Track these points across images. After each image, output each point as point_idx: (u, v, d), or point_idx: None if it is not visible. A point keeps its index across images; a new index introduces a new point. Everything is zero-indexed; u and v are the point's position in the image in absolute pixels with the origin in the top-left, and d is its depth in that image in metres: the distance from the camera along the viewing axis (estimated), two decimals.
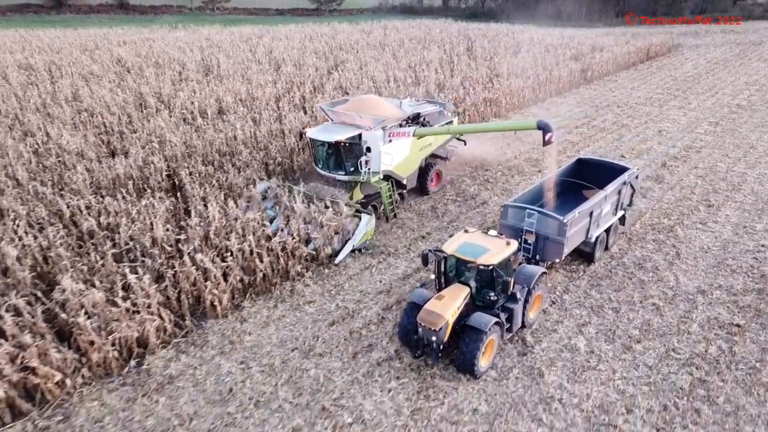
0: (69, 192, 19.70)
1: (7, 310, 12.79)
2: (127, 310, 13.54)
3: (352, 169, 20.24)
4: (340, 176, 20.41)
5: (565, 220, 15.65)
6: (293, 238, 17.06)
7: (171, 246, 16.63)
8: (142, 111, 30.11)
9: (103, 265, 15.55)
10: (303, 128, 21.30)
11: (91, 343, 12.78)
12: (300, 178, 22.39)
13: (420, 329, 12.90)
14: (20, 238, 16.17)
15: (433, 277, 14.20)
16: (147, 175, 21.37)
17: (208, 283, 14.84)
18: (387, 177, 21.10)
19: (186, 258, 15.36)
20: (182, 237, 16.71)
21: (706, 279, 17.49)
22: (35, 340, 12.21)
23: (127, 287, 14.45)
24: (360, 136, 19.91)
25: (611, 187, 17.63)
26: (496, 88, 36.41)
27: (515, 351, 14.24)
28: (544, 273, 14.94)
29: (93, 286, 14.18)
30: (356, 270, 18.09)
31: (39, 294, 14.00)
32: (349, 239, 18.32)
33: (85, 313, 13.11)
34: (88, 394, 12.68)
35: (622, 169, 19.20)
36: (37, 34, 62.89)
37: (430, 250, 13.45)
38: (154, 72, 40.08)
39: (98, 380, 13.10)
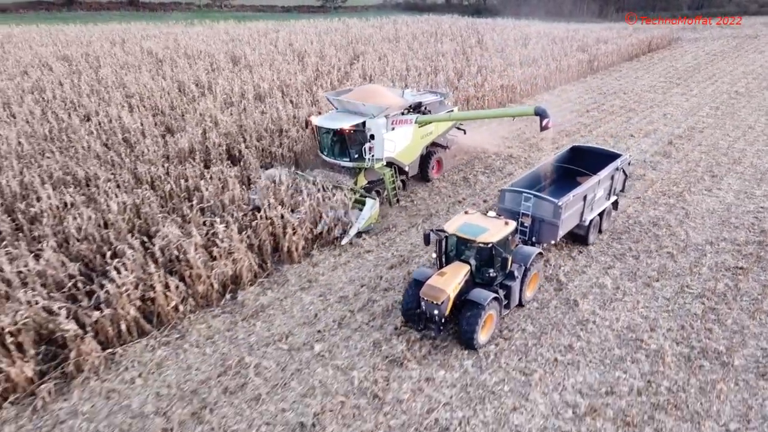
0: (143, 162, 21.92)
1: (129, 248, 15.09)
2: (226, 250, 15.81)
3: (356, 155, 20.59)
4: (345, 163, 20.84)
5: (559, 203, 16.13)
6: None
7: (246, 204, 18.89)
8: (185, 96, 32.27)
9: (188, 221, 17.82)
10: (308, 116, 21.89)
11: (198, 276, 15.04)
12: None
13: (423, 303, 13.41)
14: (115, 196, 18.40)
15: (434, 255, 14.75)
16: (207, 148, 23.60)
17: (288, 230, 17.09)
18: (389, 164, 21.50)
19: (264, 211, 17.63)
20: (254, 196, 18.97)
21: (713, 233, 19.81)
22: (156, 271, 14.46)
23: (214, 235, 16.72)
24: (364, 123, 20.17)
25: (604, 172, 18.13)
26: (511, 76, 38.72)
27: (552, 288, 16.54)
28: (540, 253, 15.52)
29: (188, 233, 16.46)
30: (404, 227, 20.38)
31: (144, 239, 16.26)
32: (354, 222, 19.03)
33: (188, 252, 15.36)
34: (195, 320, 14.94)
35: (615, 156, 19.67)
36: (61, 29, 64.88)
37: (431, 230, 14.13)
38: (186, 63, 42.24)
39: (201, 309, 15.36)
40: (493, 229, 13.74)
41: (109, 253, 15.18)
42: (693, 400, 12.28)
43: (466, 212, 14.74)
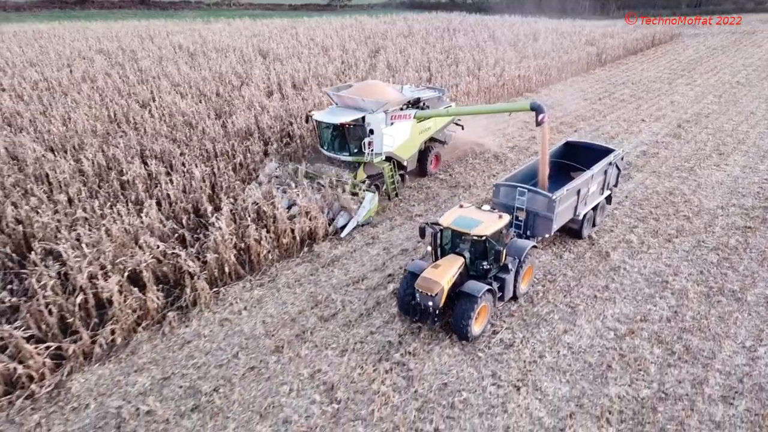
0: (208, 140, 24.09)
1: (225, 205, 17.33)
2: (304, 209, 18.03)
3: (355, 150, 20.69)
4: (345, 157, 20.91)
5: (553, 197, 16.17)
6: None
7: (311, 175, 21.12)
8: (229, 85, 34.43)
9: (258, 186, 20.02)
10: (309, 111, 22.24)
11: (283, 230, 17.25)
12: None
13: (417, 295, 13.45)
14: (195, 167, 20.60)
15: (429, 249, 14.80)
16: (261, 129, 25.77)
17: (353, 197, 19.32)
18: (388, 158, 21.54)
19: (327, 180, 19.87)
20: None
21: (723, 200, 22.07)
22: (250, 224, 16.68)
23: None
24: (363, 118, 20.25)
25: (597, 167, 18.20)
26: (526, 67, 40.96)
27: (585, 243, 18.78)
28: (534, 246, 15.58)
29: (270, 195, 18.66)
30: (447, 197, 22.60)
31: (231, 200, 18.47)
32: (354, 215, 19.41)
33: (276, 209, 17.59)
34: (281, 267, 17.16)
35: (608, 151, 19.72)
36: (85, 26, 66.98)
37: (426, 223, 14.32)
38: (218, 56, 44.39)
39: (284, 259, 17.58)
40: (487, 222, 13.82)
41: (210, 209, 17.40)
42: (714, 325, 14.53)
43: (461, 206, 14.81)
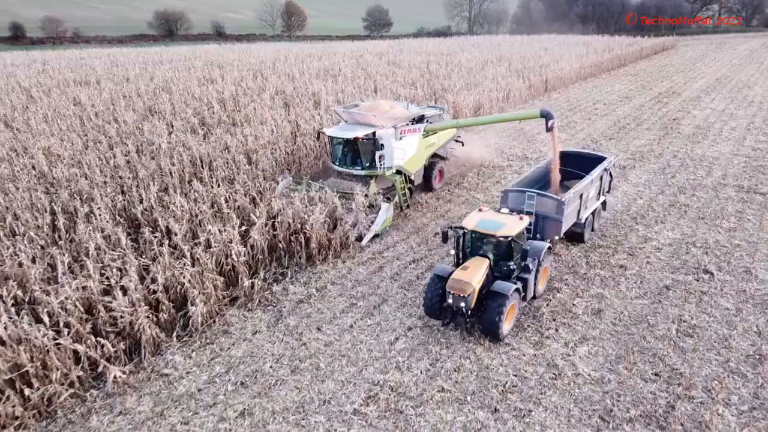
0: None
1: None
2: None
3: (367, 164, 19.13)
4: (357, 171, 19.24)
5: (563, 200, 15.20)
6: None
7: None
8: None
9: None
10: (320, 129, 21.39)
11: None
12: None
13: (450, 297, 12.25)
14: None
15: (452, 252, 13.73)
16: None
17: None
18: (398, 172, 19.92)
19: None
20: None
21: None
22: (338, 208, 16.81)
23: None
24: (374, 133, 18.88)
25: (596, 171, 16.96)
26: (550, 68, 41.37)
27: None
28: (549, 248, 14.46)
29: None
30: (490, 183, 22.37)
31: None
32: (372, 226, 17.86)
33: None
34: (353, 250, 16.82)
35: (600, 159, 18.25)
36: (196, 51, 68.58)
37: (449, 227, 13.06)
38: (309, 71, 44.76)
39: (343, 252, 16.82)
40: (510, 224, 12.70)
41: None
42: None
43: (480, 210, 13.60)
